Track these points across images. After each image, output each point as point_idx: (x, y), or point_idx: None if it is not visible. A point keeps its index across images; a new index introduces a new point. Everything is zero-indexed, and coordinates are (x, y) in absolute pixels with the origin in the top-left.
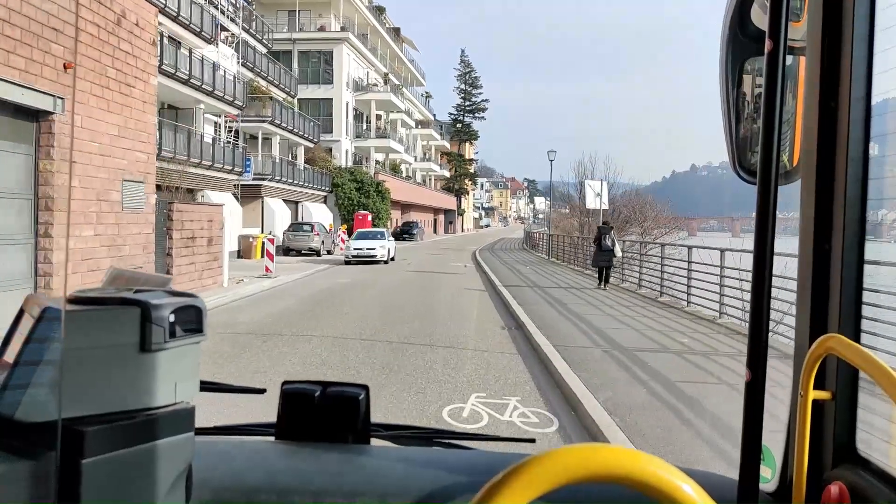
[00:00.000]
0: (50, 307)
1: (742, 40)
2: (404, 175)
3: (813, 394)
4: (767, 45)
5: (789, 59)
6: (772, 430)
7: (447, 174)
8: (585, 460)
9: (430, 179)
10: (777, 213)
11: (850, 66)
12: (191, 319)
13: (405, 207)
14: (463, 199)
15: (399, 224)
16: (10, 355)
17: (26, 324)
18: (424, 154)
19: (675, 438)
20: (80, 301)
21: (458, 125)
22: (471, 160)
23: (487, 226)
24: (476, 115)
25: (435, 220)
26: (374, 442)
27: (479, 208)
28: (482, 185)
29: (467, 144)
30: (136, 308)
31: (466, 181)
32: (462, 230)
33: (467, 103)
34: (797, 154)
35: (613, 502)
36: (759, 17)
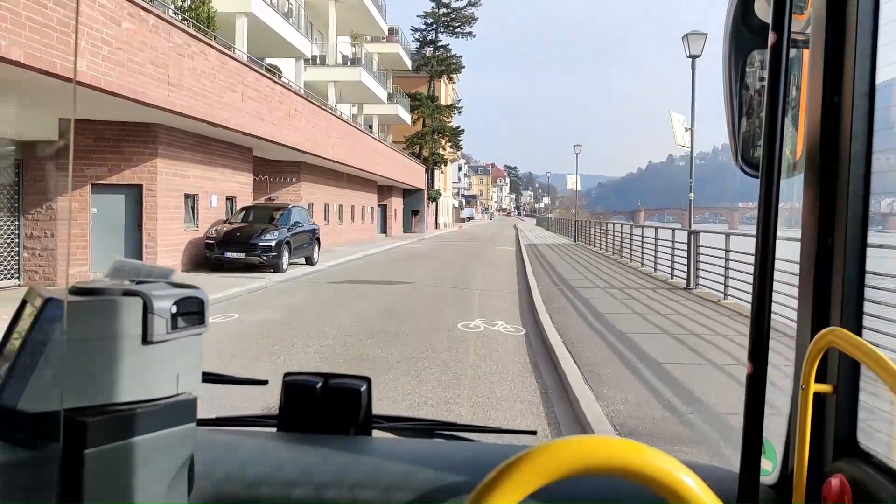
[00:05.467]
0: (52, 298)
1: (745, 33)
2: (273, 71)
3: (814, 387)
4: (771, 38)
5: (793, 52)
6: (773, 423)
7: (405, 116)
8: (586, 452)
9: (368, 121)
10: (780, 206)
11: (853, 59)
12: (193, 311)
13: (277, 167)
14: (438, 174)
15: (225, 220)
16: (12, 346)
17: (28, 315)
18: (353, 58)
19: None
20: (82, 292)
21: (429, 48)
22: (451, 107)
23: (470, 218)
24: (458, 31)
25: (385, 207)
26: (376, 434)
27: (458, 194)
28: (461, 167)
29: (444, 82)
30: (138, 299)
31: (444, 143)
32: (437, 225)
33: (442, 11)
34: (800, 147)
35: (613, 494)
36: (763, 10)
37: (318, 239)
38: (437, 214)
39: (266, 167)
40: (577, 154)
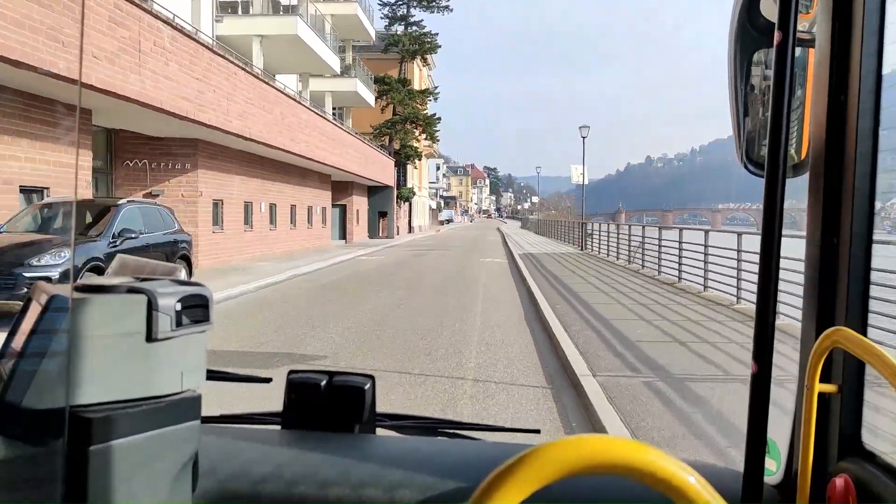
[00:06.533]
0: (57, 295)
1: (751, 32)
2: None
3: (819, 387)
4: (776, 36)
5: (798, 51)
6: (777, 422)
7: (367, 95)
8: (590, 451)
9: (319, 100)
10: (784, 205)
11: (859, 58)
12: (197, 308)
13: (161, 148)
14: (411, 170)
15: None
16: (18, 343)
17: (34, 312)
18: (289, 6)
19: None
20: (87, 289)
21: (399, 26)
22: (426, 92)
23: (450, 221)
24: (433, 5)
25: (343, 208)
26: (380, 432)
27: (436, 195)
28: (438, 167)
29: (417, 65)
30: (143, 297)
31: (418, 133)
32: (410, 229)
33: None
34: (805, 147)
35: (616, 493)
36: (769, 9)
37: (185, 258)
38: (410, 216)
39: (144, 147)
40: (583, 138)
